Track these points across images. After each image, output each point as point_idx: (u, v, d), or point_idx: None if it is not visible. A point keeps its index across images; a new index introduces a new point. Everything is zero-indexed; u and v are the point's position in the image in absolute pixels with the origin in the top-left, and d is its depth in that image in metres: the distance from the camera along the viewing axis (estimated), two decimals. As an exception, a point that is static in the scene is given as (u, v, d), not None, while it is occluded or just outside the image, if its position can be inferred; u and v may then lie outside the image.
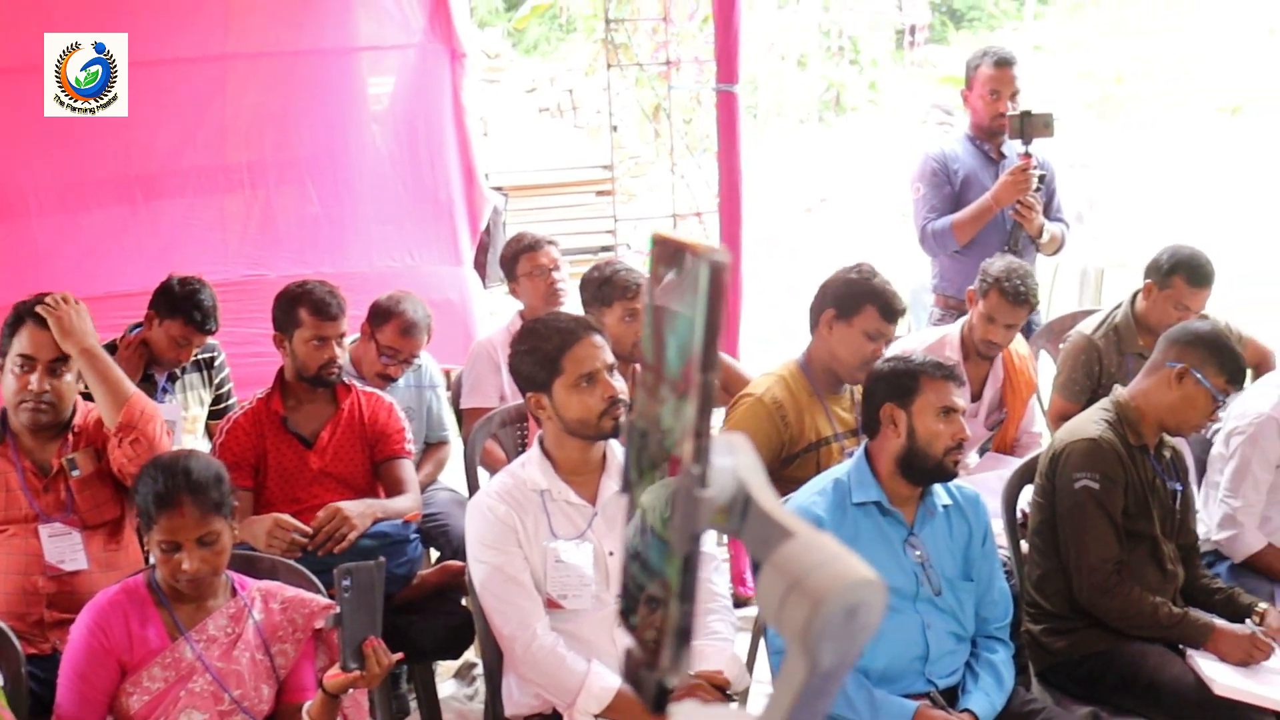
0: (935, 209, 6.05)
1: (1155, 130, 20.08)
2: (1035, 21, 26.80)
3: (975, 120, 6.15)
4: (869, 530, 3.88)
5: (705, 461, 0.92)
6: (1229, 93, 22.46)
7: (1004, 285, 5.11)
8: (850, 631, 0.88)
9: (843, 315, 4.66)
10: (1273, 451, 4.70)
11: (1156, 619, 4.14)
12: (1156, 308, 5.44)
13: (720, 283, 0.93)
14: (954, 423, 3.87)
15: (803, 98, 19.83)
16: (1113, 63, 24.04)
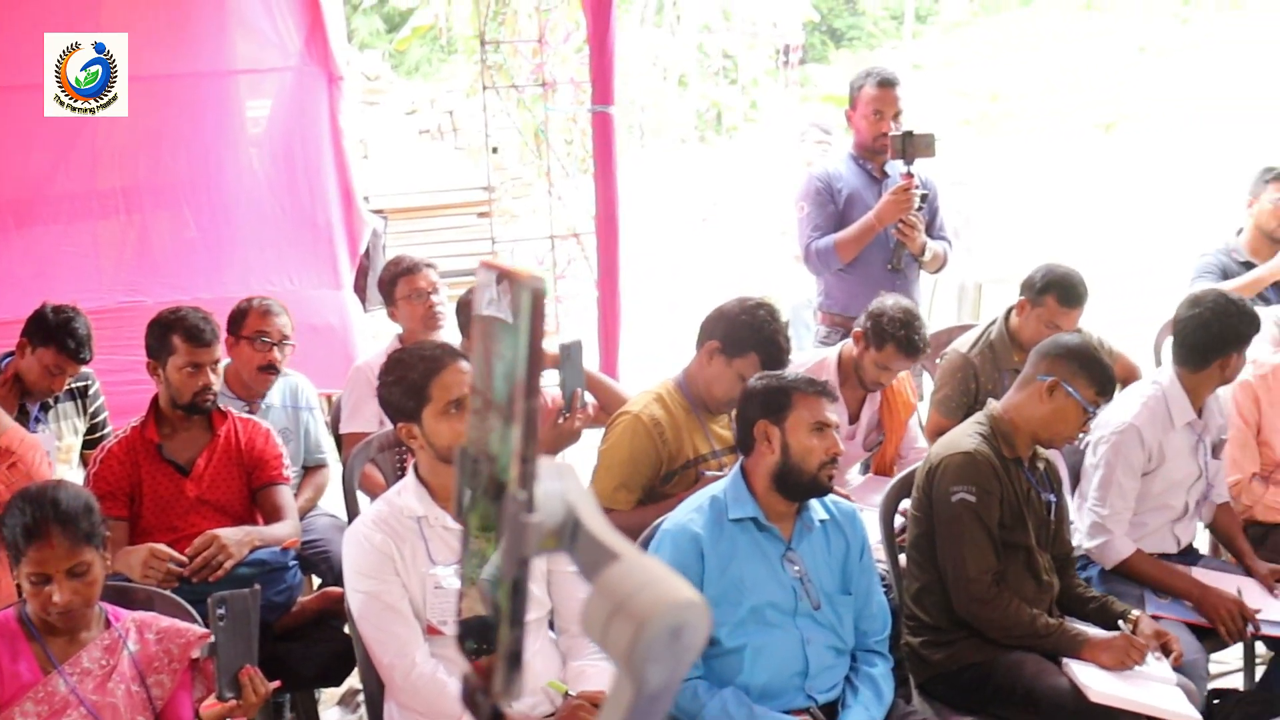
0: (819, 228, 6.09)
1: (1031, 147, 20.40)
2: (914, 41, 27.17)
3: (859, 140, 6.19)
4: (746, 546, 3.90)
5: (531, 487, 0.92)
6: (1103, 109, 22.87)
7: (900, 338, 5.13)
8: (675, 653, 0.89)
9: (726, 352, 4.70)
10: (1137, 459, 4.78)
11: (1033, 629, 4.19)
12: (1029, 325, 5.50)
13: (540, 309, 0.94)
14: (827, 438, 3.90)
15: (684, 117, 19.92)
16: (989, 81, 24.40)
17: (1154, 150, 19.77)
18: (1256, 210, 6.73)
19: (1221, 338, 4.84)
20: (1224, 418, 5.09)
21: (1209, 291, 4.97)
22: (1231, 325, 4.84)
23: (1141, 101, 22.71)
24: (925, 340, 5.24)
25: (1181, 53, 24.75)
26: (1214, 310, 4.85)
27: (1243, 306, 4.90)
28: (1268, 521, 5.23)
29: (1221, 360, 4.85)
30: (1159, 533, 4.91)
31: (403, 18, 20.55)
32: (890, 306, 5.16)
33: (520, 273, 0.92)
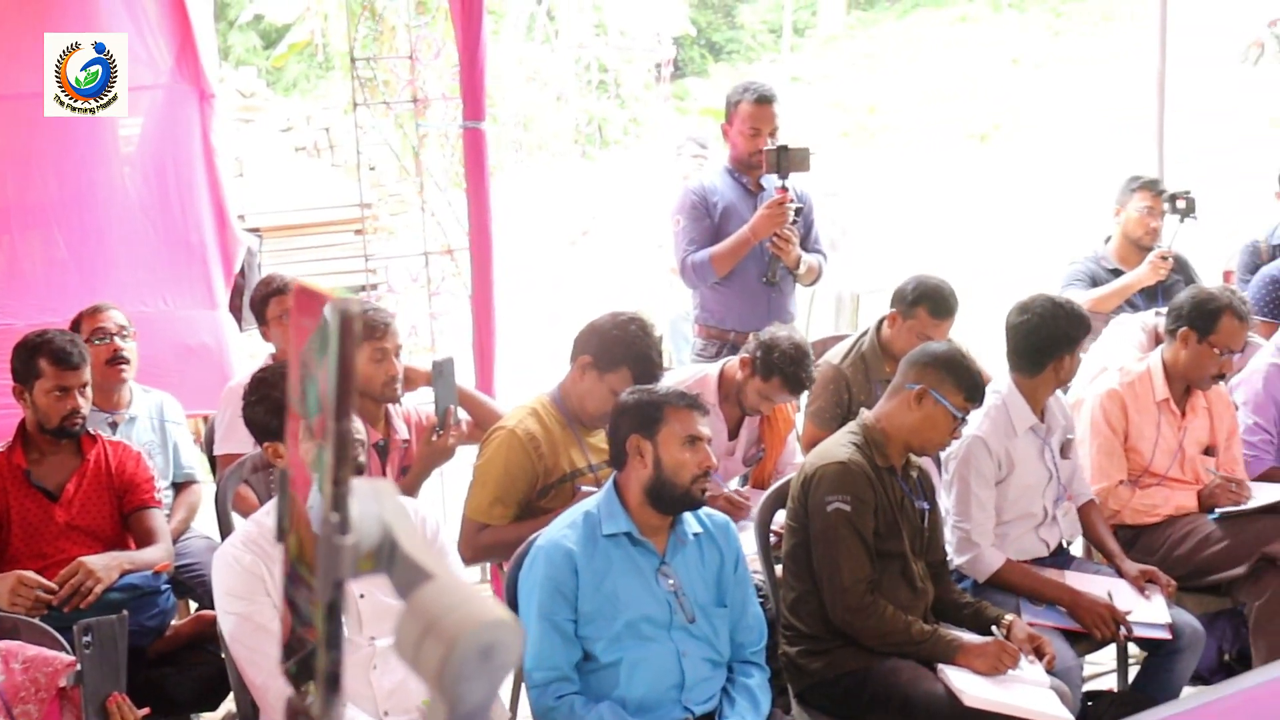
0: (695, 241, 6.10)
1: (908, 158, 20.61)
2: (792, 54, 27.33)
3: (734, 154, 6.20)
4: (621, 561, 3.91)
5: (344, 509, 0.92)
6: (977, 121, 23.17)
7: (789, 374, 5.14)
8: (487, 672, 0.89)
9: (599, 366, 4.72)
10: (987, 469, 4.85)
11: (909, 636, 4.22)
12: (901, 336, 5.56)
13: (350, 331, 0.93)
14: (700, 451, 3.92)
15: (564, 131, 19.91)
16: (866, 93, 24.62)
17: (1027, 160, 20.04)
18: (1123, 219, 6.87)
19: (1052, 340, 4.93)
20: (1066, 419, 5.17)
21: (1037, 297, 5.06)
22: (1060, 328, 4.93)
23: (1015, 113, 23.03)
24: (812, 378, 5.26)
25: (1054, 65, 25.12)
26: (1042, 315, 4.94)
27: (1070, 309, 4.99)
28: (1136, 525, 5.31)
29: (1055, 363, 4.94)
30: (1026, 538, 4.98)
31: (279, 34, 20.37)
32: (783, 340, 5.17)
33: (333, 295, 0.91)
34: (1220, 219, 10.26)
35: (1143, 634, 4.73)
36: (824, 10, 28.80)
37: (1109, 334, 6.10)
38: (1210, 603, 5.26)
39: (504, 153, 18.30)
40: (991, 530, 4.86)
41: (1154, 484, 5.34)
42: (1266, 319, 6.48)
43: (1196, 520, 5.26)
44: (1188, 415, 5.41)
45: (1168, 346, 5.41)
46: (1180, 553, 5.20)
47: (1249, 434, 5.72)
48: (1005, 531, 4.92)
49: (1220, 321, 5.26)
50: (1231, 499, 5.27)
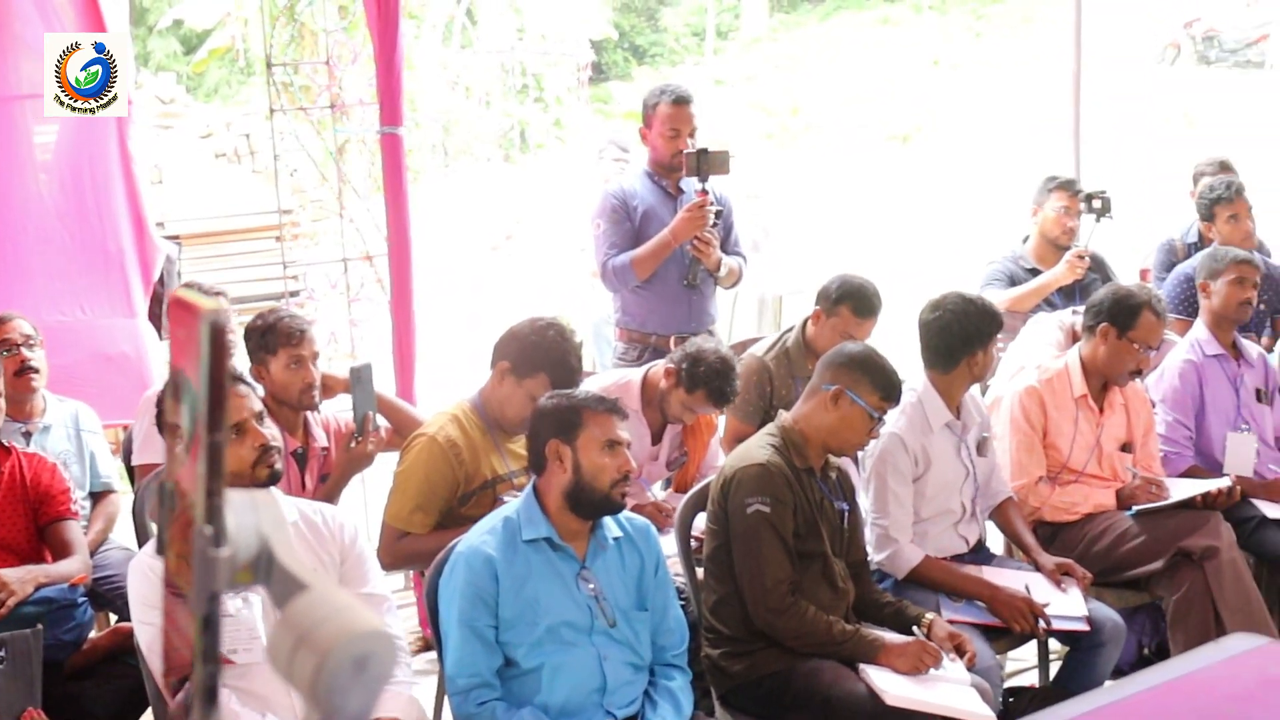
0: (615, 245, 6.09)
1: (831, 159, 20.71)
2: (716, 57, 27.42)
3: (654, 157, 6.19)
4: (541, 566, 3.90)
5: (218, 521, 0.91)
6: (899, 122, 23.33)
7: (713, 388, 5.16)
8: (361, 683, 0.89)
9: (517, 372, 4.72)
10: (904, 466, 4.88)
11: (830, 636, 4.24)
12: (824, 335, 5.58)
13: (221, 341, 0.92)
14: (619, 455, 3.92)
15: (488, 136, 19.86)
16: (789, 95, 24.72)
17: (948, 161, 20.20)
18: (1041, 218, 6.93)
19: (965, 337, 4.97)
20: (983, 416, 5.21)
21: (949, 294, 5.10)
22: (973, 324, 4.98)
23: (936, 114, 23.21)
24: (736, 391, 5.29)
25: (974, 67, 25.33)
26: (954, 311, 4.99)
27: (982, 306, 5.05)
28: (1056, 522, 5.36)
29: (968, 359, 4.98)
30: (945, 535, 5.01)
31: (200, 39, 20.21)
32: (710, 353, 5.18)
33: (203, 306, 0.90)
34: (1138, 218, 10.39)
35: (1060, 627, 4.77)
36: (747, 13, 28.91)
37: (1027, 332, 6.16)
38: (1129, 598, 5.33)
39: (427, 157, 18.23)
40: (909, 526, 4.88)
41: (1072, 480, 5.39)
42: (1181, 316, 6.56)
43: (1114, 517, 5.31)
44: (1105, 412, 5.46)
45: (1086, 343, 5.47)
46: (1099, 549, 5.25)
47: (1170, 431, 5.79)
48: (925, 529, 4.95)
49: (1140, 318, 5.32)
50: (1150, 498, 5.33)
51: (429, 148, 18.49)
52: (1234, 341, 6.00)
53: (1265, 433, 5.92)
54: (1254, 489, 5.64)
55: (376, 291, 6.27)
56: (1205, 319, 5.97)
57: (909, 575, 4.84)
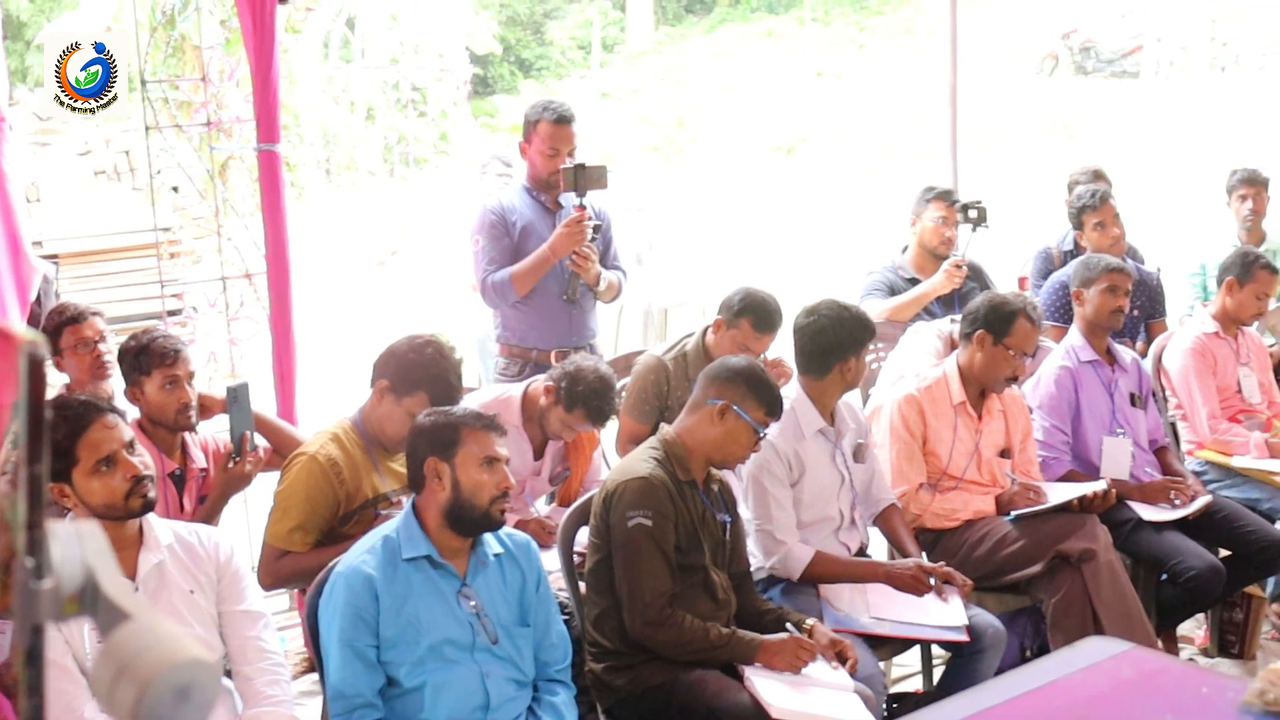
0: (495, 261, 6.08)
1: (717, 171, 20.81)
2: (602, 69, 27.44)
3: (532, 173, 6.19)
4: (421, 585, 3.88)
5: (40, 553, 0.90)
6: (783, 134, 23.49)
7: (592, 407, 5.17)
8: (184, 713, 0.88)
9: (396, 390, 4.70)
10: (779, 470, 4.91)
11: (708, 642, 4.25)
12: (724, 345, 5.59)
13: (38, 374, 0.92)
14: (498, 472, 3.92)
15: (373, 151, 19.76)
16: (675, 108, 24.81)
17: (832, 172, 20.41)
18: (919, 228, 7.01)
19: (838, 343, 5.04)
20: (859, 424, 5.27)
21: (823, 301, 5.17)
22: (845, 330, 5.05)
23: (820, 125, 23.40)
24: (615, 409, 5.32)
25: (857, 78, 25.56)
26: (828, 317, 5.06)
27: (855, 313, 5.12)
28: (937, 528, 5.42)
29: (840, 365, 5.04)
30: (826, 542, 5.04)
31: (78, 55, 19.90)
32: (589, 372, 5.20)
33: (20, 338, 0.89)
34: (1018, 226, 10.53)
35: (940, 637, 4.83)
36: (632, 26, 28.97)
37: (906, 341, 6.22)
38: (1010, 601, 5.39)
39: (311, 173, 18.10)
40: (794, 528, 4.92)
41: (952, 487, 5.45)
42: (1056, 323, 6.66)
43: (993, 522, 5.38)
44: (983, 418, 5.54)
45: (963, 350, 5.54)
46: (979, 554, 5.32)
47: (1047, 436, 5.88)
48: (806, 536, 4.98)
49: (1014, 325, 5.41)
50: (1028, 502, 5.40)
51: (313, 163, 18.37)
52: (1108, 347, 6.10)
53: (1140, 436, 6.03)
54: (1129, 491, 5.75)
55: (256, 310, 6.21)
56: (1079, 326, 6.07)
57: (804, 575, 4.87)
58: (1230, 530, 5.82)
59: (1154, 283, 7.34)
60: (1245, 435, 6.31)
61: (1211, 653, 6.12)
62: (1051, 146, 20.24)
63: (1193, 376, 6.40)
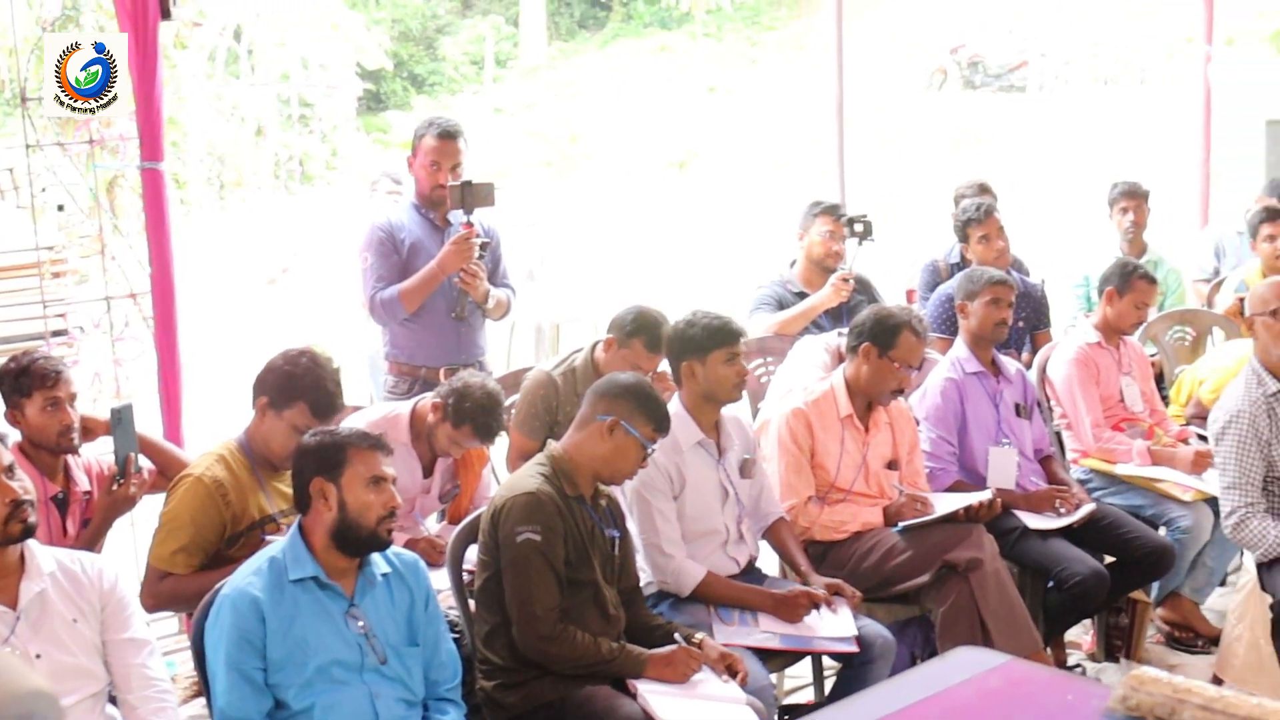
0: (383, 278, 6.05)
1: (610, 186, 20.85)
2: (495, 85, 27.43)
3: (419, 189, 6.17)
4: (309, 606, 3.86)
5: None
6: (676, 148, 23.59)
7: (479, 423, 5.15)
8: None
9: (275, 405, 4.68)
10: (661, 483, 4.92)
11: (598, 656, 4.26)
12: (615, 363, 5.59)
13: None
14: (385, 492, 3.91)
15: (265, 167, 19.63)
16: (568, 123, 24.85)
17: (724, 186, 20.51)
18: (807, 243, 7.06)
19: (682, 346, 5.13)
20: (744, 439, 5.29)
21: (695, 310, 5.22)
22: (691, 334, 5.10)
23: (712, 140, 23.52)
24: (502, 425, 5.32)
25: (749, 93, 25.71)
26: (680, 324, 5.17)
27: (710, 318, 5.12)
28: (826, 540, 5.45)
29: (686, 367, 5.10)
30: (714, 557, 5.05)
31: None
32: (476, 388, 5.18)
33: None
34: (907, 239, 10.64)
35: (830, 648, 4.87)
36: (525, 41, 28.98)
37: (793, 355, 6.27)
38: (899, 611, 5.44)
39: (201, 190, 17.96)
40: (680, 540, 4.93)
41: (840, 500, 5.49)
42: (943, 335, 6.73)
43: (882, 533, 5.43)
44: (871, 431, 5.59)
45: (850, 363, 5.59)
46: (868, 565, 5.36)
47: (934, 448, 5.94)
48: (694, 550, 5.00)
49: (899, 337, 5.46)
50: (916, 513, 5.45)
51: (203, 180, 18.21)
52: (993, 359, 6.18)
53: (1025, 446, 6.11)
54: (1015, 500, 5.83)
55: (142, 330, 6.14)
56: (964, 338, 6.15)
57: (694, 593, 4.89)
58: (1114, 537, 5.92)
59: (1038, 294, 7.44)
60: (1128, 443, 6.40)
61: (1098, 657, 6.22)
62: (941, 160, 20.46)
63: (1076, 386, 6.49)
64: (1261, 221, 7.89)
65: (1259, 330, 5.50)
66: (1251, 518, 5.30)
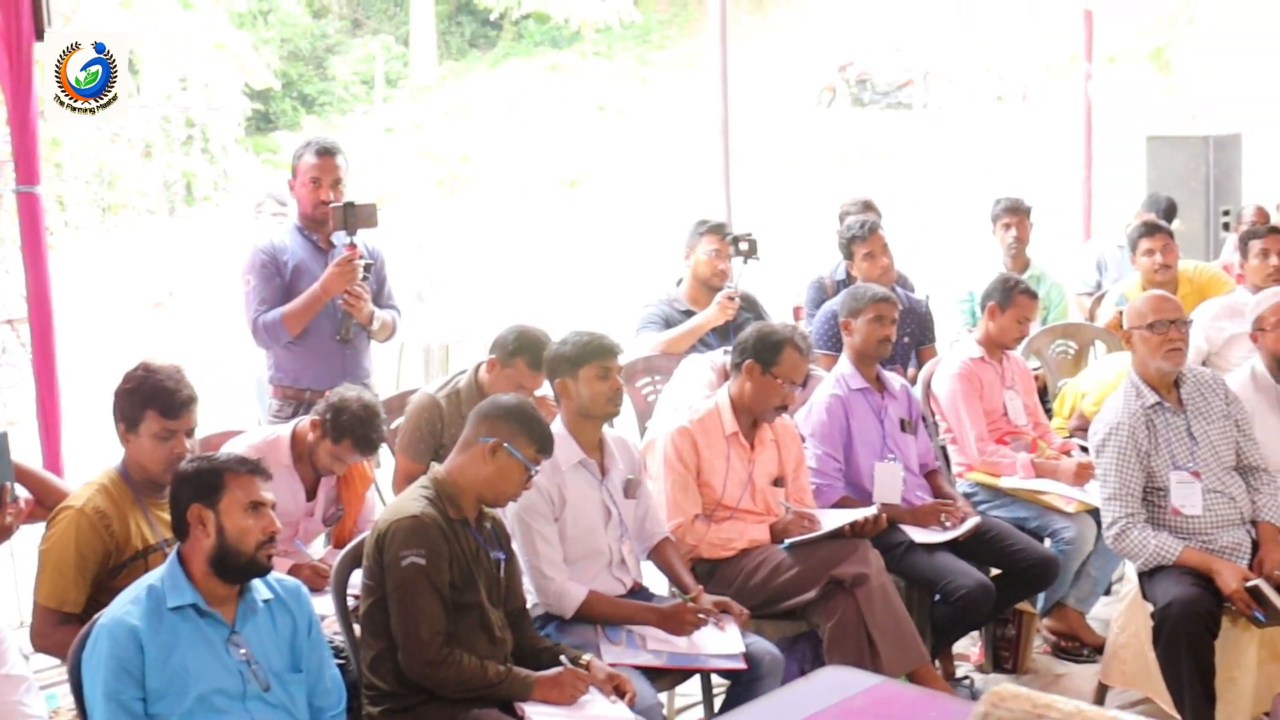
0: (266, 301, 6.01)
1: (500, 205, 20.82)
2: (385, 105, 27.34)
3: (302, 210, 6.14)
4: (188, 634, 3.82)
5: None
6: (566, 167, 23.62)
7: (359, 435, 5.14)
8: None
9: (130, 426, 4.63)
10: (541, 506, 4.91)
11: (485, 679, 4.24)
12: (498, 384, 5.57)
13: None
14: (264, 517, 3.88)
15: (151, 189, 19.41)
16: (459, 142, 24.80)
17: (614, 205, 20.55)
18: (693, 261, 7.09)
19: (553, 365, 5.17)
20: (629, 460, 5.30)
21: (574, 329, 5.24)
22: (561, 350, 5.14)
23: (603, 159, 23.57)
24: (383, 437, 5.30)
25: (640, 112, 25.82)
26: (558, 342, 5.19)
27: (578, 336, 5.15)
28: (713, 558, 5.47)
29: (559, 384, 5.13)
30: (601, 578, 5.05)
31: None
32: (353, 402, 5.17)
33: None
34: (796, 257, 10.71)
35: (717, 666, 4.89)
36: (416, 60, 28.93)
37: (679, 374, 6.30)
38: (787, 628, 5.47)
39: (85, 212, 17.72)
40: (561, 563, 4.93)
41: (727, 517, 5.51)
42: (828, 352, 6.78)
43: (769, 550, 5.45)
44: (756, 448, 5.62)
45: (734, 381, 5.62)
46: (755, 582, 5.39)
47: (820, 464, 5.97)
48: (580, 571, 4.99)
49: (782, 354, 5.50)
50: (802, 530, 5.48)
51: (87, 202, 17.98)
52: (877, 375, 6.23)
53: (910, 461, 6.17)
54: (901, 515, 5.88)
55: (21, 356, 6.04)
56: (849, 355, 6.20)
57: (577, 614, 4.88)
58: (1000, 549, 5.99)
59: (923, 310, 7.51)
60: (1012, 456, 6.48)
61: (986, 669, 6.29)
62: (830, 177, 20.65)
63: (960, 401, 6.55)
64: (1140, 236, 8.00)
65: (1136, 343, 5.60)
66: (1132, 528, 5.39)
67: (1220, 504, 5.46)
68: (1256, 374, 6.06)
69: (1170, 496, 5.44)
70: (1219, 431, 5.56)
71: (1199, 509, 5.43)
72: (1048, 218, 9.25)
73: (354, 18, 30.92)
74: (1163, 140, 12.92)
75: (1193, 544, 5.36)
